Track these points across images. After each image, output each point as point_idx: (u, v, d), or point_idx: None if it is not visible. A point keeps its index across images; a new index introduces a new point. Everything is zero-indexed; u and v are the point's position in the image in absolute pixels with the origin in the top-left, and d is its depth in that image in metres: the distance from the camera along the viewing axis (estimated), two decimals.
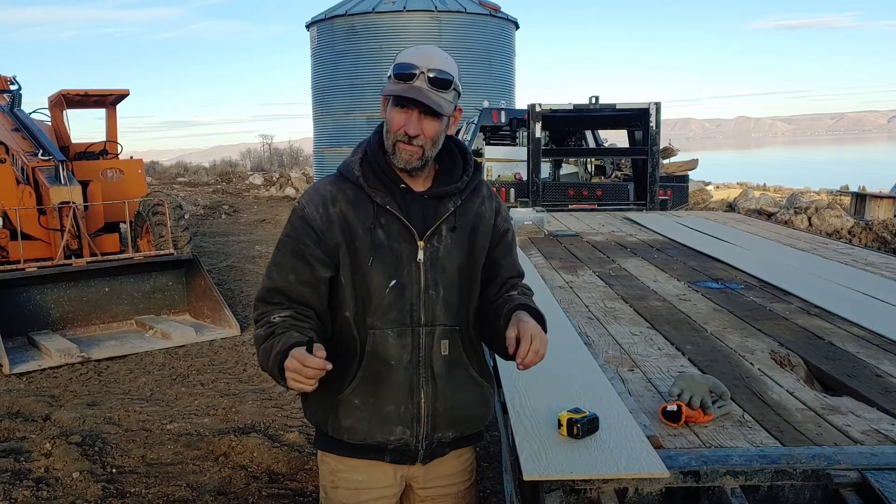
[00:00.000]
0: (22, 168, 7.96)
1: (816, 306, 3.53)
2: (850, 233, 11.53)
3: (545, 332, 1.78)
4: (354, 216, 1.78)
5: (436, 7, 16.51)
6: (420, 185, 1.83)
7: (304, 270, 1.79)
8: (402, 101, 1.73)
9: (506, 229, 1.94)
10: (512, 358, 1.75)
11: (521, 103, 18.98)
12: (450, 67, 1.76)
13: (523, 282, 1.99)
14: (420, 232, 1.78)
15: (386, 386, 1.79)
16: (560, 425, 1.87)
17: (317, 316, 1.81)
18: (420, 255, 1.78)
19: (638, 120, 8.91)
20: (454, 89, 1.77)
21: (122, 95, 9.04)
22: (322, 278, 1.79)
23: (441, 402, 1.82)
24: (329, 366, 1.61)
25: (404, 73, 1.72)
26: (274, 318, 1.76)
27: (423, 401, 1.81)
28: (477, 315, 1.92)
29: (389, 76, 1.76)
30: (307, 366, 1.59)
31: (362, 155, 1.83)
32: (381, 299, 1.78)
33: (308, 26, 18.06)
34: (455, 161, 1.86)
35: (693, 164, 14.18)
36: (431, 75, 1.72)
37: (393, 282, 1.77)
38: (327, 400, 1.83)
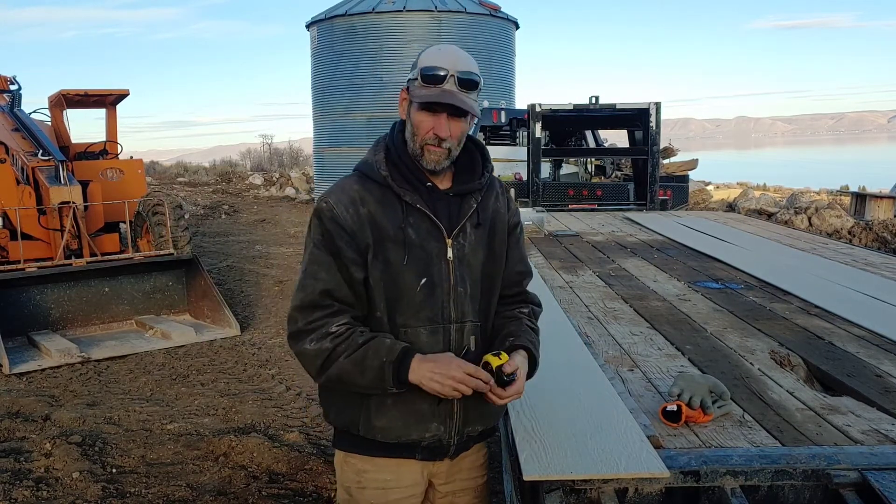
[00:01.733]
0: (22, 168, 7.96)
1: (816, 306, 3.53)
2: (850, 233, 11.52)
3: (533, 373, 1.87)
4: (383, 216, 1.77)
5: (436, 7, 16.49)
6: (442, 184, 1.84)
7: (344, 270, 1.77)
8: (431, 105, 1.74)
9: (516, 222, 1.98)
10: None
11: (521, 103, 18.98)
12: (474, 67, 1.78)
13: (530, 292, 2.02)
14: (448, 230, 1.80)
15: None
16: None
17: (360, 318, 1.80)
18: (449, 253, 1.80)
19: (638, 120, 8.90)
20: (479, 89, 1.79)
21: (122, 95, 9.04)
22: (357, 279, 1.77)
23: (471, 397, 1.81)
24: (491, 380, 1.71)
25: (434, 76, 1.73)
26: (332, 329, 1.73)
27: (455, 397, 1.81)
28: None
29: (414, 79, 1.76)
30: (476, 377, 1.69)
31: (385, 153, 1.83)
32: (413, 298, 1.78)
33: (308, 26, 18.04)
34: (474, 158, 1.88)
35: (693, 164, 14.18)
36: (461, 77, 1.73)
37: (424, 280, 1.78)
38: (358, 401, 1.83)
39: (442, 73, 1.72)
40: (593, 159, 12.70)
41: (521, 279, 1.99)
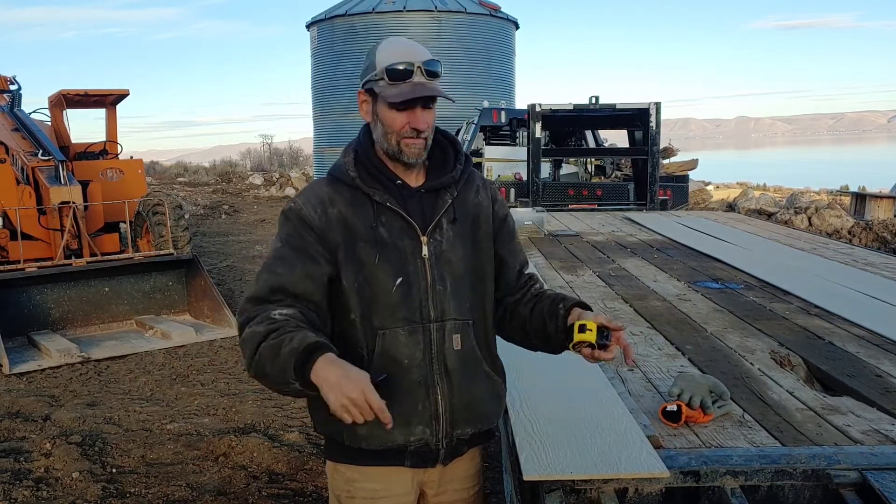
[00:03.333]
0: (22, 168, 7.96)
1: (816, 306, 3.53)
2: (850, 233, 11.52)
3: None
4: (354, 216, 1.74)
5: (436, 7, 16.50)
6: (414, 180, 1.80)
7: (309, 265, 1.72)
8: (407, 103, 1.71)
9: (505, 214, 1.94)
10: (560, 350, 1.80)
11: (521, 103, 18.97)
12: (431, 55, 1.76)
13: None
14: (422, 227, 1.76)
15: (401, 386, 1.74)
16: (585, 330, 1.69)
17: (319, 315, 1.73)
18: (424, 251, 1.76)
19: (638, 120, 8.91)
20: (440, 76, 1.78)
21: (121, 95, 9.05)
22: (326, 275, 1.73)
23: (457, 397, 1.79)
24: (390, 424, 1.56)
25: (403, 72, 1.70)
26: (274, 315, 1.65)
27: (439, 397, 1.77)
28: (499, 307, 1.93)
29: (378, 79, 1.73)
30: (372, 406, 1.52)
31: (354, 155, 1.81)
32: (389, 298, 1.74)
33: (308, 26, 18.05)
34: (446, 153, 1.85)
35: (693, 164, 14.20)
36: (427, 68, 1.72)
37: (399, 279, 1.74)
38: None
39: (410, 68, 1.71)
40: (593, 159, 12.71)
41: (523, 266, 1.98)
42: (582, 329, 1.67)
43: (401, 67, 1.70)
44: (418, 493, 1.90)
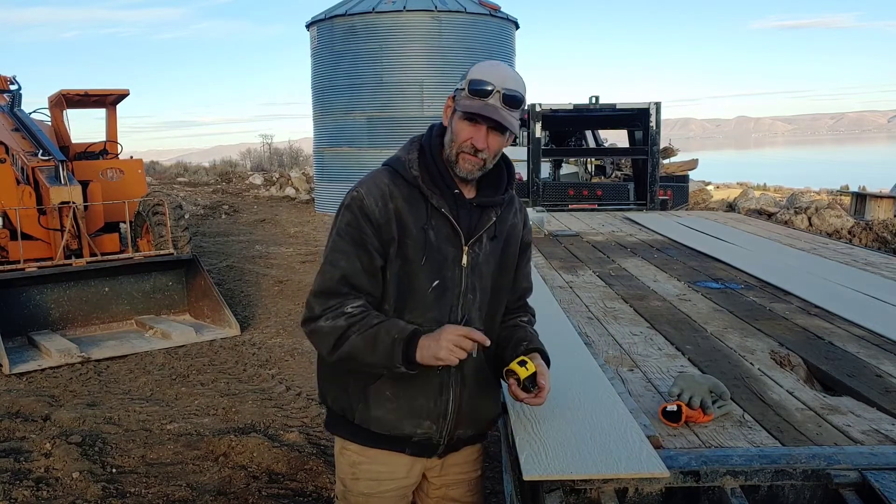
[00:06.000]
0: (22, 168, 7.95)
1: (816, 306, 3.53)
2: (850, 233, 11.52)
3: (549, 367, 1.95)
4: (409, 214, 1.82)
5: (436, 7, 16.47)
6: (468, 192, 1.89)
7: (365, 259, 1.81)
8: (473, 116, 1.78)
9: (529, 241, 2.07)
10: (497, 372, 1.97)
11: None
12: (521, 87, 1.81)
13: (529, 299, 2.13)
14: (466, 237, 1.86)
15: (419, 381, 1.84)
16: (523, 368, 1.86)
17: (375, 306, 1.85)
18: (464, 260, 1.86)
19: (638, 120, 8.91)
20: (522, 108, 1.84)
21: (122, 95, 9.04)
22: (379, 268, 1.83)
23: (466, 401, 1.91)
24: (487, 342, 1.74)
25: (480, 90, 1.77)
26: (348, 309, 1.78)
27: (451, 399, 1.89)
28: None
29: (462, 89, 1.80)
30: (471, 337, 1.71)
31: (419, 154, 1.87)
32: (424, 298, 1.84)
33: (308, 26, 18.03)
34: (500, 173, 1.93)
35: (693, 164, 14.21)
36: (506, 94, 1.77)
37: (436, 282, 1.84)
38: (358, 387, 1.89)
39: (489, 88, 1.77)
40: (593, 159, 12.71)
41: (525, 293, 2.10)
42: (522, 363, 1.84)
43: (482, 86, 1.77)
44: (420, 478, 2.03)
